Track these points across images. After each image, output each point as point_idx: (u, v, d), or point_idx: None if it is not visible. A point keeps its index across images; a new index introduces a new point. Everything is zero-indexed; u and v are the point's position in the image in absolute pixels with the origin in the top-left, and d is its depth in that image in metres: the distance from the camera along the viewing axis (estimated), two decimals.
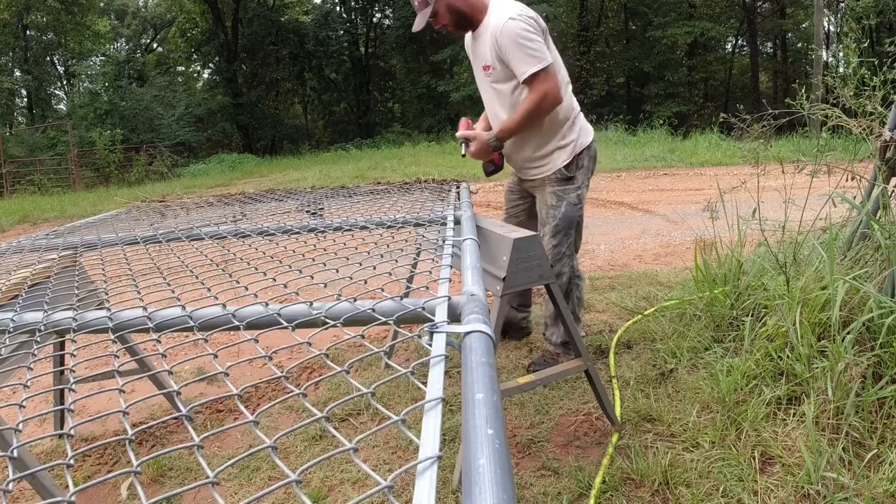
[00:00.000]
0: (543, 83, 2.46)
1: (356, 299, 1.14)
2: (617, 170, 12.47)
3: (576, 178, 2.72)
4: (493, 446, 0.56)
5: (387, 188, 3.23)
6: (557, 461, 2.19)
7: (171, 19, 33.45)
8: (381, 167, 15.73)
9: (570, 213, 2.70)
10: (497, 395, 0.66)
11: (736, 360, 2.45)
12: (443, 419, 0.66)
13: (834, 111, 2.71)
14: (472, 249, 1.36)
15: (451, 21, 2.64)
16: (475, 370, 0.71)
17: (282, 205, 2.87)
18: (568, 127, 2.71)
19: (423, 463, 0.58)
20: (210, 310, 1.18)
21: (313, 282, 1.36)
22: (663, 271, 4.53)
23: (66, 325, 1.24)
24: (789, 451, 1.98)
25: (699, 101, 28.18)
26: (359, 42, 33.33)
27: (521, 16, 2.50)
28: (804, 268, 2.67)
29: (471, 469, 0.53)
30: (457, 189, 2.90)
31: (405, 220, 2.01)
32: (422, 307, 1.06)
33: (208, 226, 2.16)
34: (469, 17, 2.64)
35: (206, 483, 0.61)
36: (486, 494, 0.50)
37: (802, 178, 2.79)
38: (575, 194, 2.71)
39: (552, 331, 2.85)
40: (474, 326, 0.85)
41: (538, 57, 2.46)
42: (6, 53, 27.06)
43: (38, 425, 2.89)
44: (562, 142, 2.70)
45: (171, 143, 23.75)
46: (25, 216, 12.16)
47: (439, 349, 0.82)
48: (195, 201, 3.05)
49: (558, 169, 2.70)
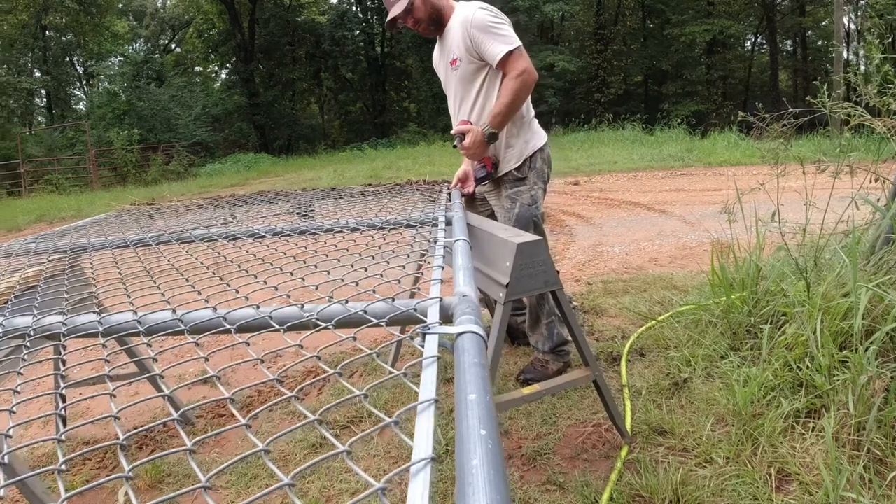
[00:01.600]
0: (519, 61, 2.53)
1: (348, 301, 1.13)
2: (633, 169, 12.33)
3: (527, 179, 2.74)
4: (486, 447, 0.56)
5: (378, 189, 3.18)
6: (563, 475, 2.10)
7: (188, 20, 33.74)
8: (395, 167, 15.72)
9: (525, 214, 2.69)
10: (490, 396, 0.66)
11: (753, 370, 2.35)
12: (436, 421, 0.64)
13: (857, 109, 2.61)
14: (463, 250, 1.34)
15: (426, 15, 2.67)
16: (468, 371, 0.72)
17: (272, 207, 2.83)
18: (518, 128, 2.74)
19: (416, 465, 0.58)
20: (201, 313, 1.17)
21: (304, 284, 1.34)
22: (679, 275, 4.41)
23: (56, 329, 1.23)
24: (807, 469, 1.88)
25: (718, 100, 27.97)
26: (375, 42, 33.43)
27: (487, 7, 2.62)
28: (825, 273, 2.56)
29: (464, 470, 0.54)
30: (448, 190, 2.86)
31: (396, 221, 1.98)
32: (414, 308, 1.05)
33: (198, 228, 2.12)
34: (441, 13, 2.70)
35: (198, 487, 0.61)
36: (479, 495, 0.50)
37: (824, 178, 2.68)
38: (528, 195, 2.72)
39: (535, 338, 2.78)
40: (466, 327, 0.85)
41: (510, 38, 2.54)
42: (26, 54, 27.47)
43: (41, 427, 2.85)
44: (512, 142, 2.74)
45: (188, 142, 23.96)
46: (42, 215, 12.28)
47: (432, 350, 0.82)
48: (185, 204, 3.01)
49: (509, 171, 2.74)
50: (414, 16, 2.67)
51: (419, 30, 2.75)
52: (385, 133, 29.95)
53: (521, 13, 23.64)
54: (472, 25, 2.55)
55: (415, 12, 2.65)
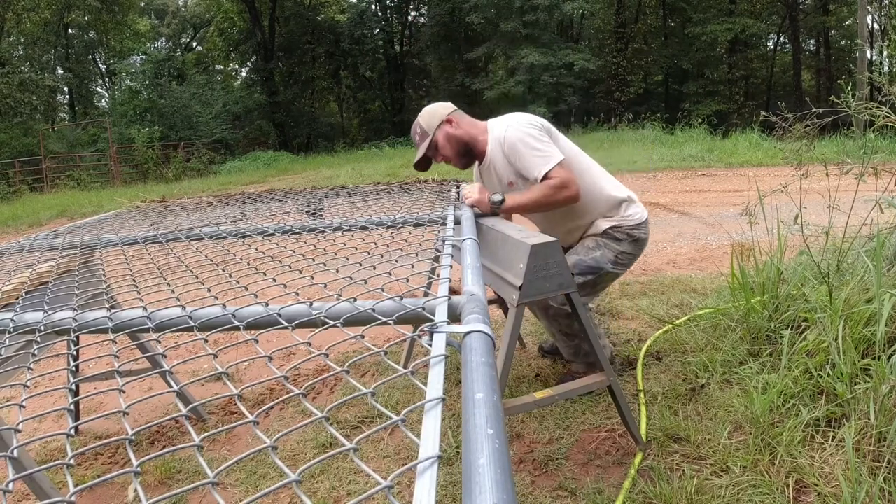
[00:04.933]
0: (557, 176, 2.29)
1: (356, 299, 1.14)
2: (653, 169, 12.21)
3: (620, 241, 2.52)
4: (493, 446, 0.56)
5: (386, 188, 3.17)
6: (575, 481, 2.06)
7: (209, 19, 34.00)
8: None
9: (601, 260, 2.48)
10: (497, 396, 0.66)
11: (772, 377, 2.29)
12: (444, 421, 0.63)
13: (882, 110, 2.54)
14: (471, 249, 1.34)
15: (452, 152, 2.52)
16: (475, 370, 0.72)
17: (282, 205, 2.82)
18: (614, 207, 2.54)
19: (423, 463, 0.58)
20: (210, 310, 1.18)
21: (313, 282, 1.35)
22: (698, 277, 4.34)
23: (66, 325, 1.24)
24: (826, 480, 1.83)
25: (739, 100, 27.68)
26: (394, 40, 33.48)
27: (518, 122, 2.42)
28: (848, 278, 2.50)
29: (471, 469, 0.54)
30: (457, 189, 2.82)
31: (405, 219, 1.96)
32: (422, 307, 1.06)
33: (208, 226, 2.12)
34: (470, 144, 2.53)
35: (206, 483, 0.61)
36: (486, 494, 0.51)
37: (847, 180, 2.61)
38: (614, 252, 2.50)
39: (564, 352, 2.68)
40: (474, 326, 0.85)
41: (547, 156, 2.32)
42: (48, 51, 27.85)
43: (54, 421, 2.87)
44: (608, 214, 2.55)
45: (209, 140, 24.17)
46: (63, 210, 12.44)
47: (439, 349, 0.82)
48: (195, 202, 3.01)
49: (603, 230, 2.53)
50: (441, 153, 2.53)
51: (452, 165, 2.61)
52: (404, 131, 29.91)
53: (540, 11, 23.49)
54: (507, 146, 2.40)
55: (440, 150, 2.52)
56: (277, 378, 0.85)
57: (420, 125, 2.55)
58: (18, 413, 0.83)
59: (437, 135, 2.50)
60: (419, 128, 2.55)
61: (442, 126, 2.51)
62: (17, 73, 21.36)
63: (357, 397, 0.85)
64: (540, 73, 23.49)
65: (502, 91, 24.33)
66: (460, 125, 2.53)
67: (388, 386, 2.88)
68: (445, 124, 2.51)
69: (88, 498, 2.28)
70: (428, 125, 2.53)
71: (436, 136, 2.50)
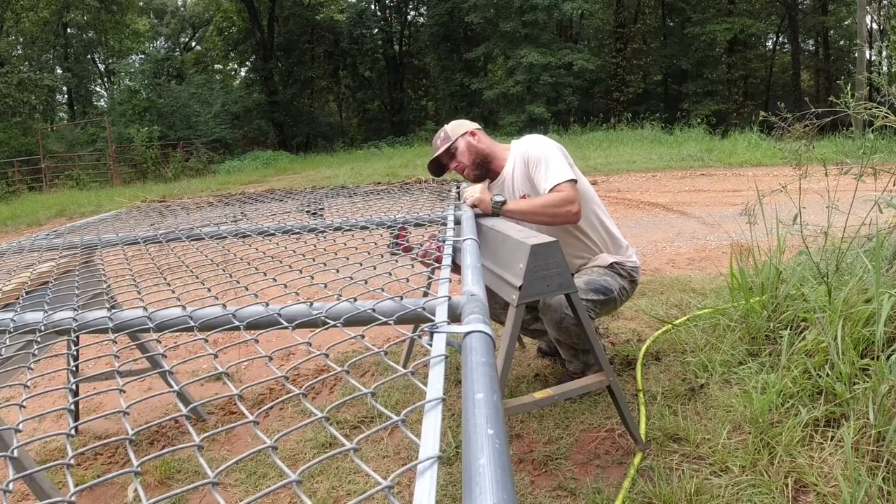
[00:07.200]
0: (564, 191, 2.31)
1: (356, 299, 1.14)
2: (652, 169, 12.22)
3: (622, 276, 2.56)
4: (493, 446, 0.56)
5: (387, 188, 3.17)
6: (575, 481, 2.06)
7: (208, 18, 34.00)
8: (412, 165, 15.70)
9: (612, 284, 2.50)
10: (497, 395, 0.66)
11: (772, 377, 2.29)
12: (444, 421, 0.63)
13: (881, 110, 2.54)
14: (472, 249, 1.34)
15: (469, 160, 2.59)
16: (475, 370, 0.72)
17: (282, 205, 2.82)
18: (619, 247, 2.62)
19: (423, 463, 0.58)
20: (210, 310, 1.18)
21: (313, 282, 1.35)
22: (697, 277, 4.35)
23: (67, 325, 1.24)
24: (825, 480, 1.83)
25: (738, 100, 27.68)
26: (393, 40, 33.49)
27: (547, 141, 2.51)
28: (847, 278, 2.50)
29: (471, 469, 0.54)
30: (457, 189, 2.83)
31: (405, 219, 1.96)
32: (422, 307, 1.06)
33: (208, 226, 2.12)
34: (489, 158, 2.62)
35: (206, 483, 0.62)
36: (486, 494, 0.50)
37: (846, 180, 2.61)
38: (619, 284, 2.53)
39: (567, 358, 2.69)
40: (474, 326, 0.85)
41: (562, 171, 2.36)
42: (47, 51, 27.82)
43: (54, 421, 2.87)
44: (612, 251, 2.61)
45: (208, 139, 24.16)
46: (62, 210, 12.42)
47: (439, 349, 0.82)
48: (195, 202, 3.01)
49: (609, 264, 2.57)
50: (457, 159, 2.60)
51: (463, 175, 2.66)
52: (403, 131, 29.97)
53: (539, 11, 23.48)
54: (529, 156, 2.47)
55: (458, 156, 2.60)
56: (277, 378, 0.85)
57: (445, 131, 2.65)
58: (18, 413, 0.83)
59: (458, 141, 2.60)
60: (444, 133, 2.65)
61: (465, 135, 2.61)
62: (16, 73, 21.32)
63: (357, 397, 0.84)
64: (539, 72, 23.48)
65: (501, 91, 24.32)
66: (482, 140, 2.64)
67: (388, 386, 2.88)
68: (469, 135, 2.62)
69: (88, 498, 2.28)
70: (453, 132, 2.63)
71: (457, 142, 2.60)
